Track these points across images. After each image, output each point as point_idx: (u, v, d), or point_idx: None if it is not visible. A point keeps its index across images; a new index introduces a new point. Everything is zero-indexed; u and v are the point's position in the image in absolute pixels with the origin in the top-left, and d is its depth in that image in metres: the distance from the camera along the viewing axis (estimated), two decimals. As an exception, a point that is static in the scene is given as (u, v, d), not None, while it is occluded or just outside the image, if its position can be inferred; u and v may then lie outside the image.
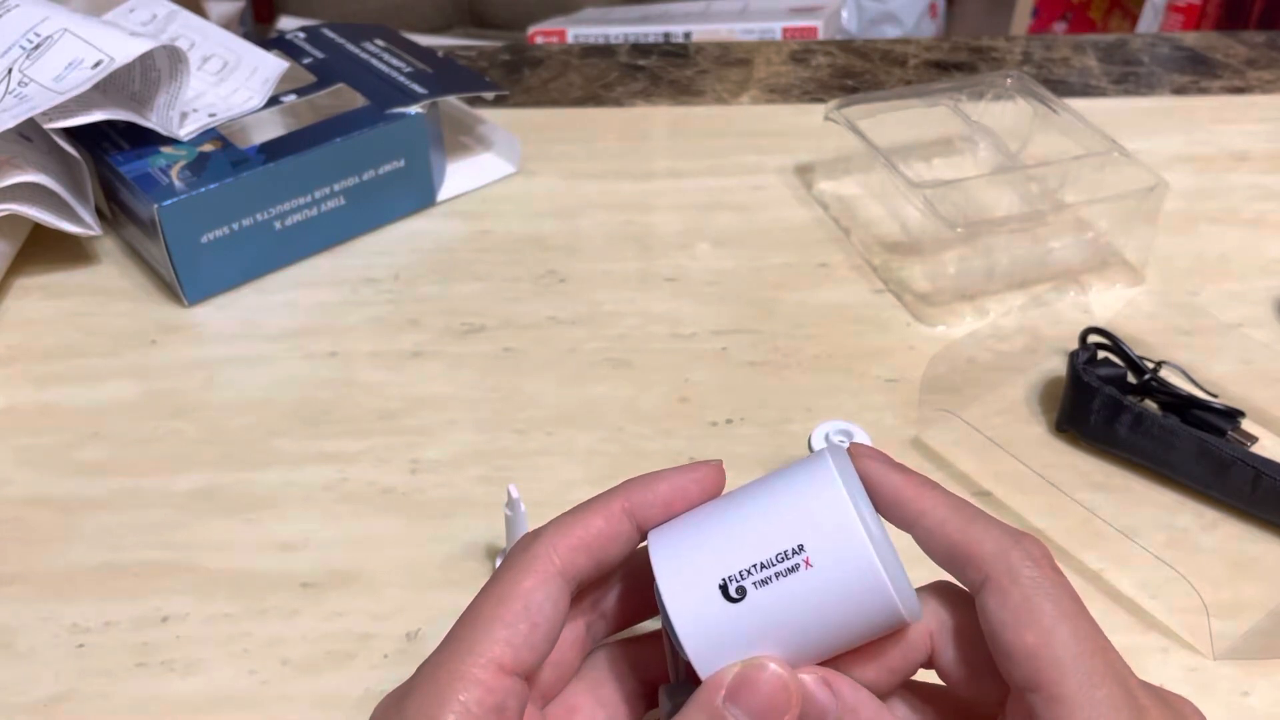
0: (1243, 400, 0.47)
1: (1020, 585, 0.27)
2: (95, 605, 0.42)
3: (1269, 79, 0.75)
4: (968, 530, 0.28)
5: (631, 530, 0.30)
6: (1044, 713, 0.26)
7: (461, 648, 0.28)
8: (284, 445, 0.48)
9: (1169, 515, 0.45)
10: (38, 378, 0.52)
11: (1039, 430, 0.49)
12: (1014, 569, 0.28)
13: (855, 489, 0.29)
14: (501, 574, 0.29)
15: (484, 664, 0.27)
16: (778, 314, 0.55)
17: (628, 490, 0.30)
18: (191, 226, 0.53)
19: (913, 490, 0.29)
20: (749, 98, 0.73)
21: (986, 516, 0.29)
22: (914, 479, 0.30)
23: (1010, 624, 0.27)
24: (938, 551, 0.29)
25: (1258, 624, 0.41)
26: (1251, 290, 0.56)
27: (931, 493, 0.30)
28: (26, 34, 0.54)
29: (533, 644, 0.28)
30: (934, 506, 0.29)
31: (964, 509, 0.29)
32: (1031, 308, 0.55)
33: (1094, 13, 1.86)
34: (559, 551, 0.29)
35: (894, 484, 0.30)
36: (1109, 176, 0.56)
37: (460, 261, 0.59)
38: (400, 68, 0.62)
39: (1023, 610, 0.27)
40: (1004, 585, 0.27)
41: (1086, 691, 0.26)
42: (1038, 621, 0.27)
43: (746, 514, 0.29)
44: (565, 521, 0.30)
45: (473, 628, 0.28)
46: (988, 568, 0.28)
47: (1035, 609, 0.27)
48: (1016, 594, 0.27)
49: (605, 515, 0.30)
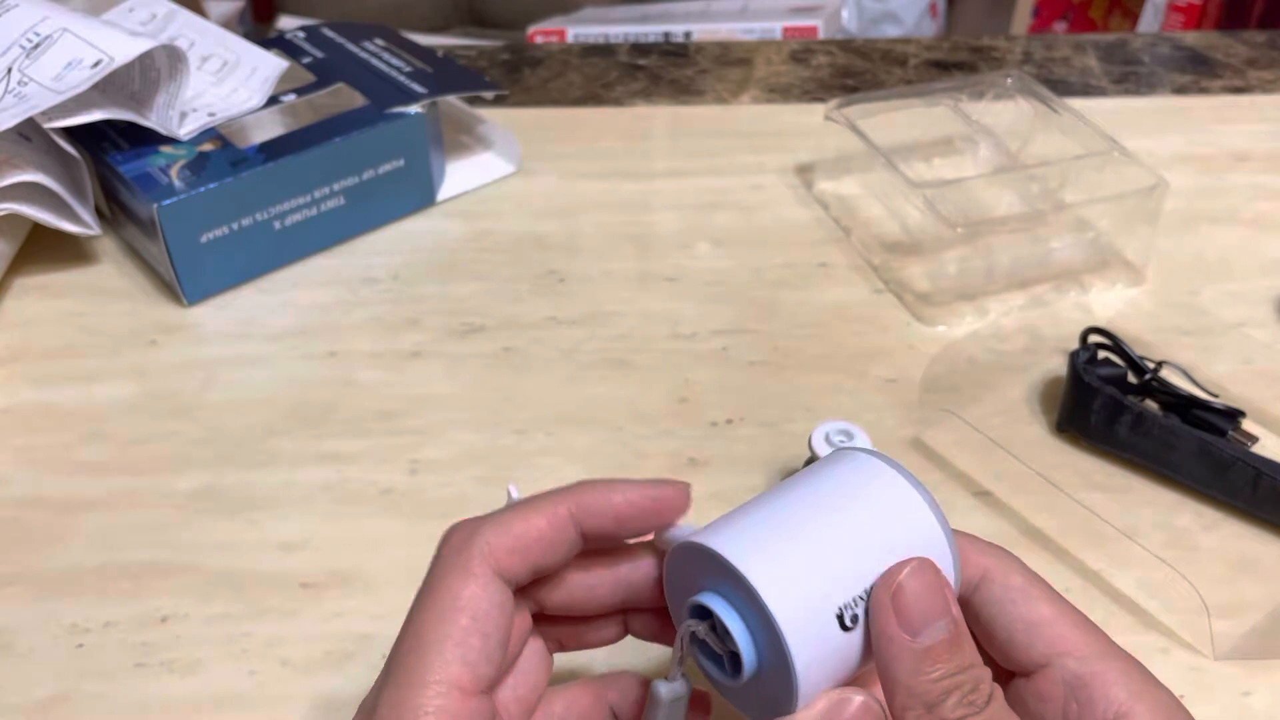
0: (1243, 400, 0.47)
1: (1019, 571, 0.29)
2: (95, 605, 0.42)
3: (1269, 79, 0.75)
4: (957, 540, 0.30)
5: (575, 537, 0.28)
6: (1080, 669, 0.27)
7: (415, 677, 0.26)
8: (284, 445, 0.48)
9: (1169, 515, 0.45)
10: (37, 378, 0.51)
11: (1039, 430, 0.49)
12: (1007, 562, 0.29)
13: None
14: (438, 581, 0.27)
15: (444, 691, 0.25)
16: (778, 314, 0.55)
17: (578, 494, 0.28)
18: (191, 226, 0.53)
19: None
20: (749, 97, 0.73)
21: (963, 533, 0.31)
22: None
23: (1020, 600, 0.28)
24: None
25: (1258, 624, 0.41)
26: (1252, 290, 0.56)
27: None
28: (26, 33, 0.54)
29: (488, 656, 0.26)
30: None
31: None
32: (1032, 308, 0.55)
33: (1094, 12, 1.86)
34: (496, 552, 0.27)
35: None
36: (1109, 176, 0.56)
37: (460, 261, 0.58)
38: (400, 67, 0.62)
39: (1028, 590, 0.29)
40: (1004, 574, 0.29)
41: (1112, 648, 0.28)
42: (1043, 598, 0.28)
43: (841, 533, 0.28)
44: (505, 519, 0.28)
45: (421, 653, 0.26)
46: (984, 562, 0.29)
47: (1036, 587, 0.29)
48: (1017, 577, 0.29)
49: (550, 517, 0.28)
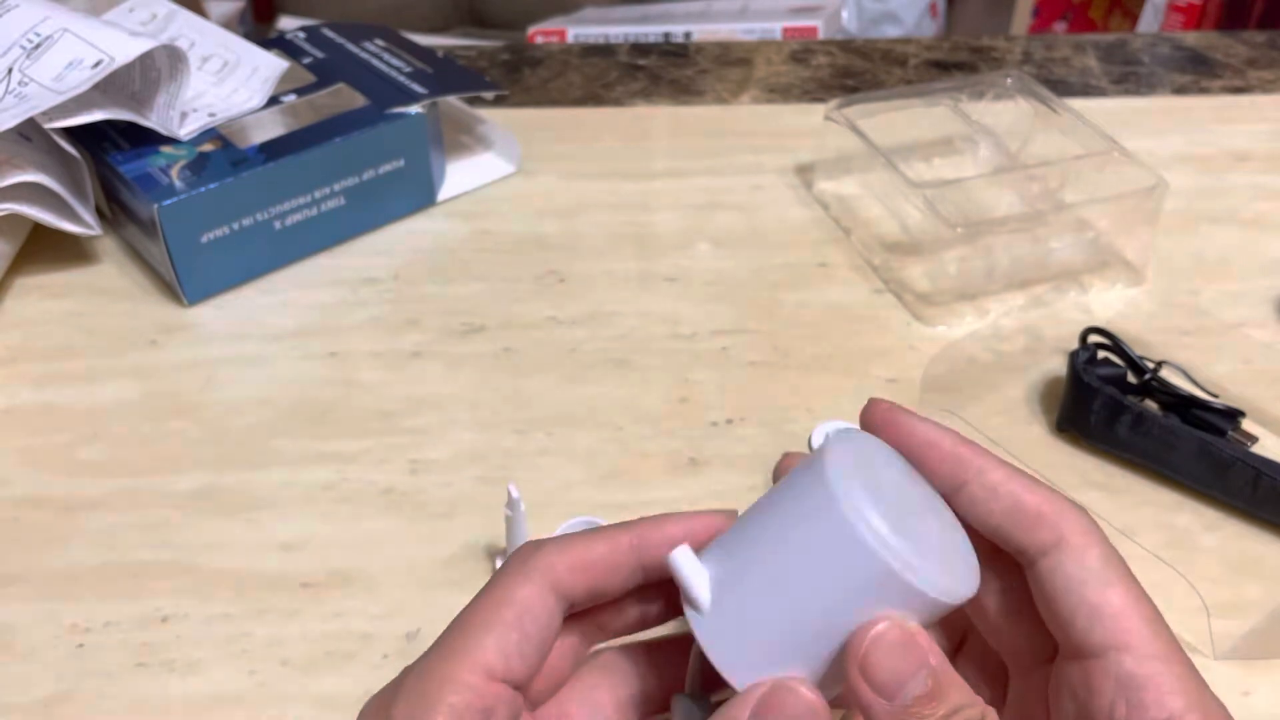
0: (1243, 400, 0.47)
1: (1099, 545, 0.27)
2: (95, 605, 0.42)
3: (1269, 79, 0.75)
4: (1034, 489, 0.28)
5: (635, 565, 0.29)
6: (1135, 669, 0.26)
7: (451, 652, 0.27)
8: (284, 445, 0.48)
9: (1169, 515, 0.45)
10: (37, 378, 0.52)
11: (1039, 430, 0.49)
12: (1088, 531, 0.27)
13: (870, 481, 0.27)
14: (498, 580, 0.29)
15: (473, 668, 0.27)
16: (778, 314, 0.55)
17: (641, 528, 0.30)
18: (191, 226, 0.53)
19: (966, 447, 0.29)
20: (749, 97, 0.73)
21: (1040, 480, 0.28)
22: (960, 436, 0.29)
23: (1092, 582, 0.26)
24: (995, 511, 0.28)
25: (1258, 624, 0.41)
26: (1252, 290, 0.56)
27: (983, 451, 0.29)
28: (26, 34, 0.54)
29: (524, 653, 0.27)
30: (993, 464, 0.28)
31: (1020, 470, 0.28)
32: (1032, 308, 0.55)
33: (1094, 12, 1.86)
34: (557, 568, 0.29)
35: (946, 442, 0.29)
36: (1109, 176, 0.56)
37: (460, 261, 0.58)
38: (400, 67, 0.62)
39: (1104, 570, 0.26)
40: (1082, 545, 0.27)
41: (1173, 649, 0.26)
42: (1119, 582, 0.26)
43: (804, 611, 0.27)
44: (569, 541, 0.29)
45: (464, 633, 0.28)
46: (1062, 527, 0.27)
47: (1114, 569, 0.27)
48: (1096, 552, 0.27)
49: (611, 545, 0.29)
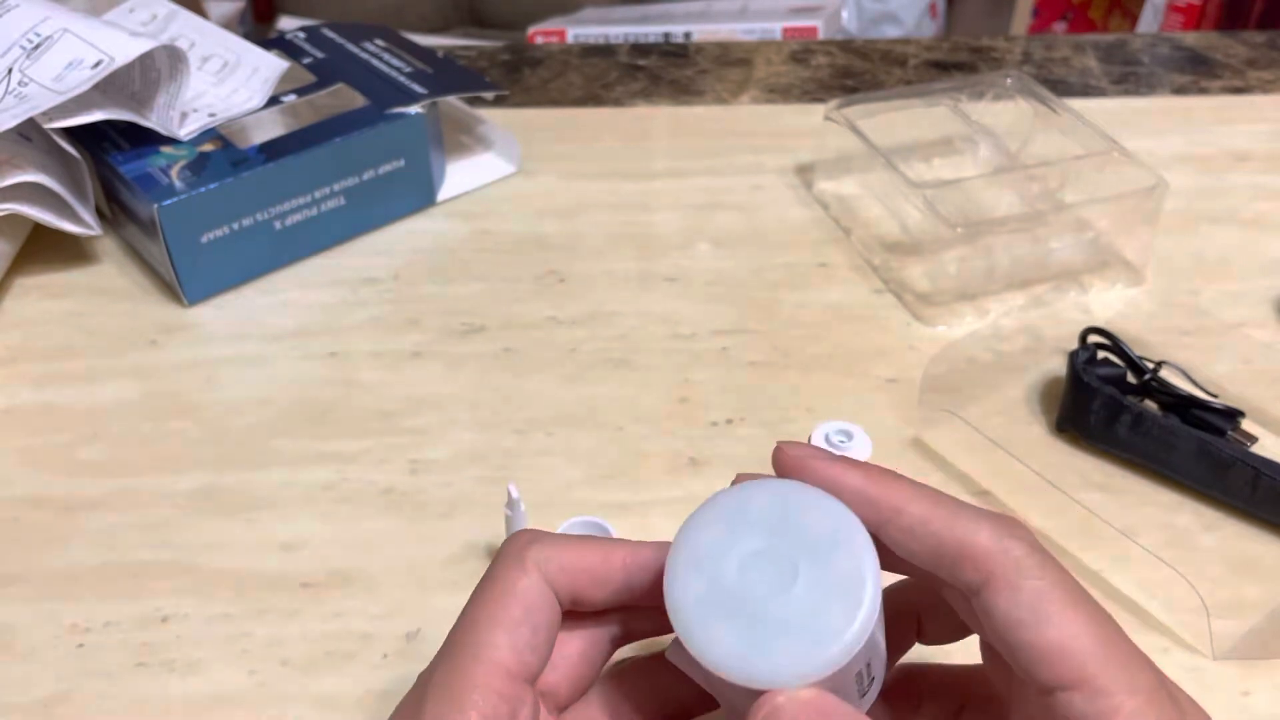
0: (1243, 400, 0.47)
1: (1029, 580, 0.25)
2: (95, 605, 0.42)
3: (1269, 79, 0.75)
4: (955, 525, 0.26)
5: (622, 584, 0.29)
6: (1085, 707, 0.25)
7: (468, 656, 0.27)
8: (284, 445, 0.48)
9: (1169, 515, 0.45)
10: (37, 378, 0.52)
11: (1039, 430, 0.49)
12: (1019, 563, 0.26)
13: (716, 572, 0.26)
14: (496, 573, 0.29)
15: (493, 669, 0.27)
16: (778, 314, 0.55)
17: (638, 547, 0.29)
18: (191, 226, 0.53)
19: (877, 488, 0.27)
20: (749, 98, 0.73)
21: (966, 506, 0.27)
22: (875, 474, 0.28)
23: (1029, 622, 0.25)
24: (920, 552, 0.27)
25: (1258, 624, 0.41)
26: (1252, 290, 0.56)
27: (901, 488, 0.27)
28: (26, 34, 0.54)
29: (535, 646, 0.28)
30: (908, 502, 0.27)
31: (943, 501, 0.27)
32: (1032, 308, 0.55)
33: (1094, 13, 1.86)
34: (551, 563, 0.28)
35: (853, 484, 0.27)
36: (1109, 176, 0.56)
37: (460, 261, 0.59)
38: (400, 68, 0.62)
39: (1038, 606, 0.25)
40: (1012, 582, 0.25)
41: (1128, 677, 0.25)
42: (1058, 615, 0.25)
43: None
44: (564, 540, 0.29)
45: (474, 633, 0.27)
46: (989, 565, 0.26)
47: (1050, 602, 0.25)
48: (1028, 590, 0.25)
49: (603, 558, 0.29)
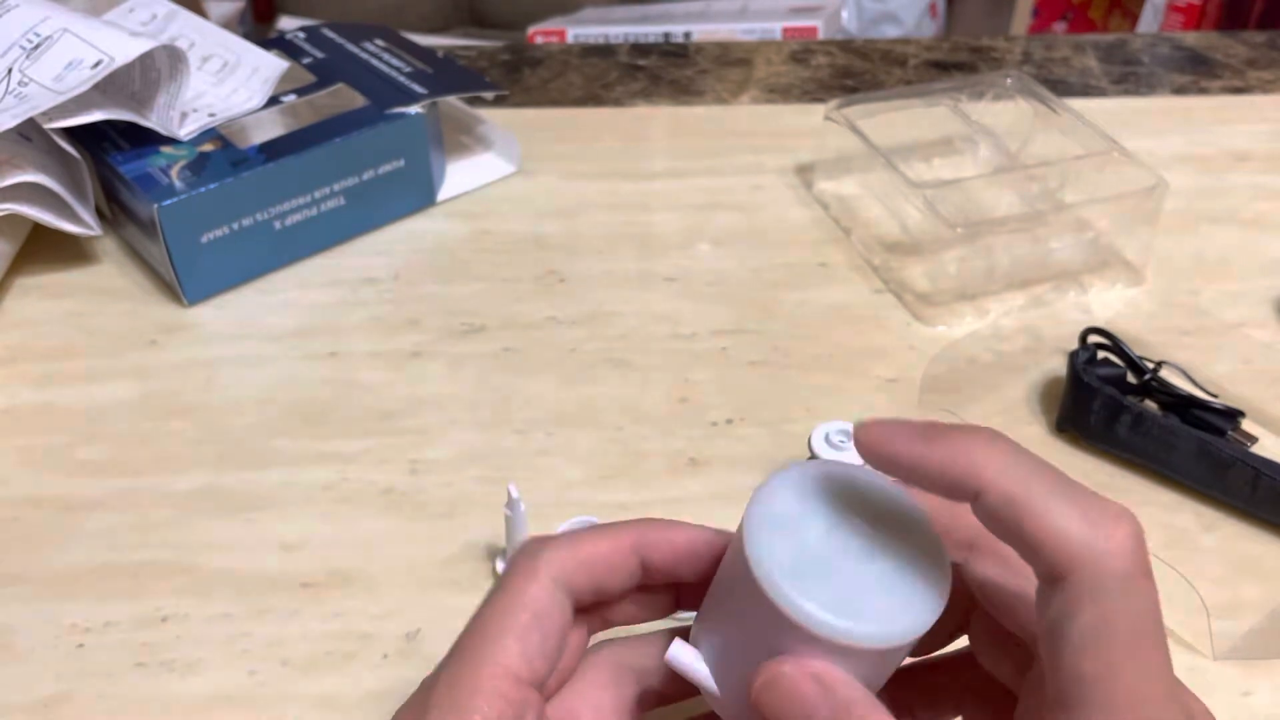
0: (1243, 400, 0.48)
1: (1098, 604, 0.23)
2: (95, 605, 0.42)
3: (1269, 79, 0.75)
4: (1046, 514, 0.24)
5: (635, 567, 0.30)
6: None
7: (475, 659, 0.27)
8: (284, 445, 0.48)
9: (1169, 515, 0.45)
10: (37, 378, 0.52)
11: (1039, 430, 0.49)
12: (1098, 579, 0.23)
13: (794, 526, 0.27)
14: (508, 580, 0.29)
15: (501, 674, 0.27)
16: (778, 314, 0.55)
17: (642, 528, 0.30)
18: (191, 226, 0.53)
19: (959, 462, 0.25)
20: (749, 98, 0.73)
21: (1066, 487, 0.24)
22: (954, 442, 0.25)
23: (1074, 644, 0.23)
24: (1004, 534, 0.25)
25: (1258, 624, 0.41)
26: (1252, 290, 0.56)
27: (987, 456, 0.25)
28: (26, 34, 0.54)
29: (545, 653, 0.28)
30: (995, 478, 0.24)
31: (1037, 477, 0.24)
32: (1031, 308, 0.55)
33: (1094, 13, 1.87)
34: (564, 564, 0.29)
35: (929, 461, 0.25)
36: (1109, 176, 0.56)
37: (460, 261, 0.59)
38: (400, 68, 0.62)
39: (1091, 634, 0.23)
40: (1080, 597, 0.23)
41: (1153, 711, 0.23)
42: (1106, 651, 0.23)
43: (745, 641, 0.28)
44: (571, 539, 0.30)
45: (484, 638, 0.28)
46: (1070, 568, 0.24)
47: (1108, 635, 0.23)
48: (1091, 613, 0.23)
49: (613, 543, 0.29)
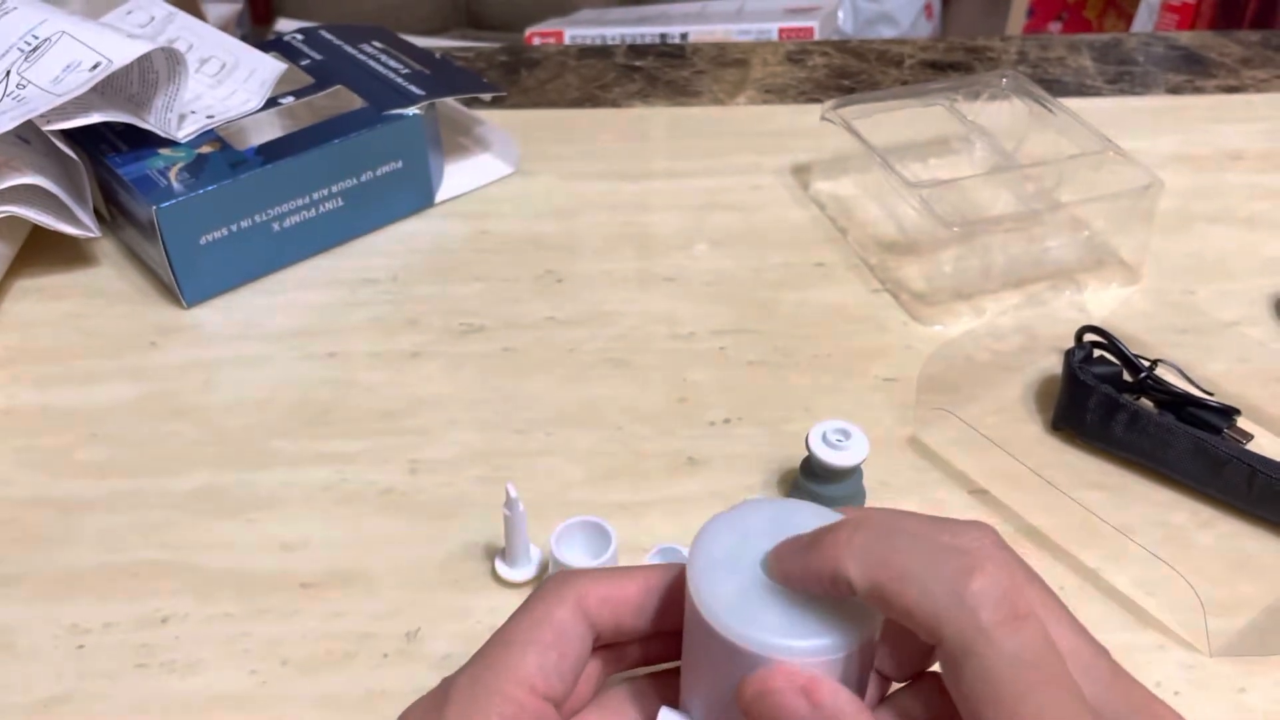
0: (1238, 398, 0.48)
1: (973, 660, 0.23)
2: (95, 605, 0.42)
3: (1263, 78, 0.75)
4: (906, 592, 0.24)
5: (662, 608, 0.30)
6: None
7: (496, 665, 0.28)
8: (284, 445, 0.48)
9: (1165, 513, 0.45)
10: (37, 379, 0.52)
11: (1035, 429, 0.49)
12: (965, 639, 0.24)
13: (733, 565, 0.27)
14: (535, 601, 0.30)
15: (519, 682, 0.28)
16: (776, 314, 0.55)
17: (673, 572, 0.30)
18: (190, 228, 0.53)
19: (827, 565, 0.25)
20: (746, 98, 0.73)
21: (921, 550, 0.25)
22: (822, 547, 0.26)
23: (970, 703, 0.24)
24: (889, 614, 0.25)
25: (1254, 621, 0.41)
26: (1247, 289, 0.57)
27: (847, 551, 0.25)
28: (24, 36, 0.54)
29: (562, 672, 0.29)
30: (858, 572, 0.25)
31: (893, 553, 0.25)
32: (1028, 307, 0.55)
33: (1089, 12, 1.87)
34: (589, 597, 0.29)
35: (809, 571, 0.26)
36: (1104, 176, 0.56)
37: (459, 262, 0.59)
38: (398, 69, 0.63)
39: (980, 690, 0.23)
40: (957, 658, 0.24)
41: None
42: (994, 705, 0.23)
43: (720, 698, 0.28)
44: (602, 574, 0.30)
45: (507, 648, 0.29)
46: (941, 635, 0.24)
47: (993, 688, 0.23)
48: (971, 671, 0.23)
49: (643, 587, 0.30)
